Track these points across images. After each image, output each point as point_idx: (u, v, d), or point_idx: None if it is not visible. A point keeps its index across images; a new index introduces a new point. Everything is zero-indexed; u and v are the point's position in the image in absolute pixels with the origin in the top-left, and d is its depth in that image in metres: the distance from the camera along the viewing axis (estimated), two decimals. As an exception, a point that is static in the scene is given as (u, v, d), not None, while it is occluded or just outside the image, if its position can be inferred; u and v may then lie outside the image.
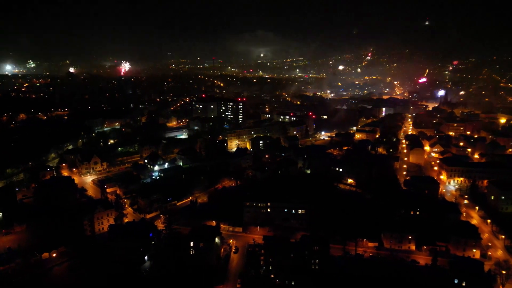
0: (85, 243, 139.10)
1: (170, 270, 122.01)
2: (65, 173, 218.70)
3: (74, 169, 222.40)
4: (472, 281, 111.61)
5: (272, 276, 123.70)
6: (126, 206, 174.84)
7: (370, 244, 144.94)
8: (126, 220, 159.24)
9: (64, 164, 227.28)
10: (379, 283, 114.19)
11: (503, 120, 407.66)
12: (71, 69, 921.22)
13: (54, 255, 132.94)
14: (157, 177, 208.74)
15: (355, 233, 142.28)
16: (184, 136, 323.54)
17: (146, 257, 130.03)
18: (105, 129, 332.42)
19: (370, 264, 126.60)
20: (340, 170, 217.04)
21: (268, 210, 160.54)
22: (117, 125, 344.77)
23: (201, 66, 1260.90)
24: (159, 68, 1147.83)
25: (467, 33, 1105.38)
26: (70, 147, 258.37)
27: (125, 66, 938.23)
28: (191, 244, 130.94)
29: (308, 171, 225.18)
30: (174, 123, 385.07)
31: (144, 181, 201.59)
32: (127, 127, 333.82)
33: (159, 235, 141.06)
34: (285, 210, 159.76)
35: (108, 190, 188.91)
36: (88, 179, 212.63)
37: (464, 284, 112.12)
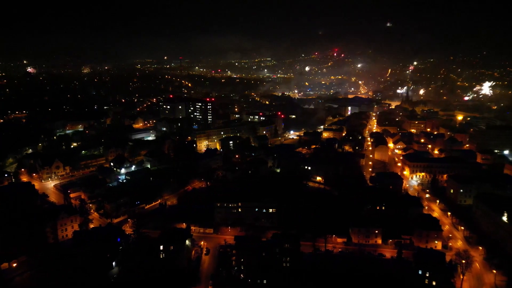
0: (48, 251, 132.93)
1: (139, 275, 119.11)
2: (24, 178, 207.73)
3: (34, 174, 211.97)
4: (434, 271, 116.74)
5: (244, 275, 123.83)
6: (92, 211, 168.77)
7: (339, 240, 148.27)
8: (92, 226, 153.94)
9: (23, 169, 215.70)
10: (348, 278, 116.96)
11: (460, 117, 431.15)
12: (29, 69, 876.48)
13: (15, 265, 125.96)
14: (124, 180, 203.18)
15: (324, 229, 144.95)
16: (151, 137, 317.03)
17: (114, 263, 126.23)
18: (67, 131, 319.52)
19: (339, 260, 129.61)
20: (309, 168, 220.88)
21: (239, 210, 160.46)
22: (80, 128, 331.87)
23: (168, 66, 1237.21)
24: (124, 68, 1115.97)
25: (426, 34, 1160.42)
26: (30, 151, 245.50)
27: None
28: (161, 247, 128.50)
29: (278, 170, 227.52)
30: (141, 124, 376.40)
31: (110, 184, 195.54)
32: (91, 129, 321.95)
33: (127, 240, 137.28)
34: (256, 209, 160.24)
35: (72, 195, 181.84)
36: (49, 185, 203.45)
37: (427, 275, 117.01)
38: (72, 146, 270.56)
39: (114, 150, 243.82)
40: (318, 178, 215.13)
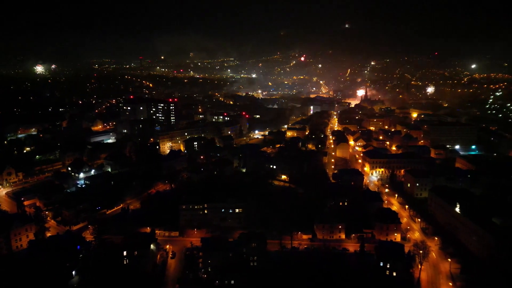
0: (1, 263, 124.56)
1: (101, 283, 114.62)
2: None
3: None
4: (394, 262, 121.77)
5: (212, 277, 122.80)
6: (48, 218, 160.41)
7: (305, 237, 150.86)
8: (49, 234, 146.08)
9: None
10: (313, 273, 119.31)
11: (415, 115, 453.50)
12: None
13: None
14: (83, 186, 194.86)
15: (290, 227, 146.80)
16: (111, 140, 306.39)
17: (73, 272, 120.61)
18: (19, 135, 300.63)
19: (305, 256, 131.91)
20: (274, 167, 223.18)
21: (205, 211, 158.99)
22: (33, 131, 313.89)
23: (128, 66, 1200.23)
24: (81, 68, 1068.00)
25: (383, 35, 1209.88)
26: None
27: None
28: (124, 253, 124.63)
29: (244, 170, 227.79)
30: (100, 126, 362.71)
31: (68, 190, 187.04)
32: (45, 132, 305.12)
33: (88, 247, 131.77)
34: (222, 210, 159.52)
35: (26, 202, 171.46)
36: (1, 192, 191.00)
37: (388, 266, 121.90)
38: (25, 151, 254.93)
39: (71, 154, 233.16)
40: (283, 177, 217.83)
